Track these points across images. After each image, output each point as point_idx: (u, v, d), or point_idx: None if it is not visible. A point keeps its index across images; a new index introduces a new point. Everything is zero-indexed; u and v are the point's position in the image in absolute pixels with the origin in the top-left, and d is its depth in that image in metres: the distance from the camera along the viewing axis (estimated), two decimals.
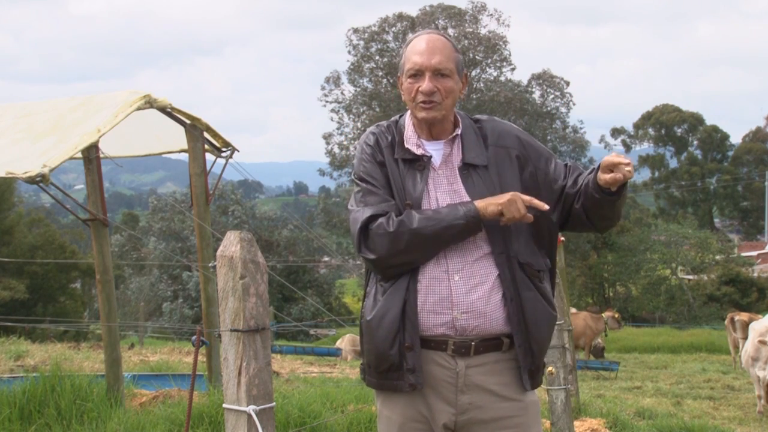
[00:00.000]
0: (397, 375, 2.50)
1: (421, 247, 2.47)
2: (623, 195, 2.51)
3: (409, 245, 2.46)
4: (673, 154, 60.59)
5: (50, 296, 34.57)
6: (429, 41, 2.57)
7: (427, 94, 2.53)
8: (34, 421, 5.29)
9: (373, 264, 2.52)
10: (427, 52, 2.54)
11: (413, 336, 2.48)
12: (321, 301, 32.18)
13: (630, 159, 2.43)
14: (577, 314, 15.51)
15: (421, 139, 2.62)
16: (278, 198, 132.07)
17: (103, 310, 6.07)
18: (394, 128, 2.66)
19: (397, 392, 2.54)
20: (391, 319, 2.48)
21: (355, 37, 37.83)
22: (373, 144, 2.63)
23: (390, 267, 2.50)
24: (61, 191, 6.45)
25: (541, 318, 2.53)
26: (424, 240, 2.46)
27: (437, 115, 2.56)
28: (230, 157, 7.33)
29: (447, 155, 2.60)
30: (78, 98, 6.68)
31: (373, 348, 2.52)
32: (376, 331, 2.50)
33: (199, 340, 3.23)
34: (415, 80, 2.56)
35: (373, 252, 2.49)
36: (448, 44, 2.59)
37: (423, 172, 2.56)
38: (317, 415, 5.45)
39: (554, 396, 4.88)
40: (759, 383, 9.24)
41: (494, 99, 35.25)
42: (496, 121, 2.69)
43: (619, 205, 2.54)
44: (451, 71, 2.56)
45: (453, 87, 2.57)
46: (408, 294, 2.49)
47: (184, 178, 32.92)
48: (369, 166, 2.60)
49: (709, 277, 35.07)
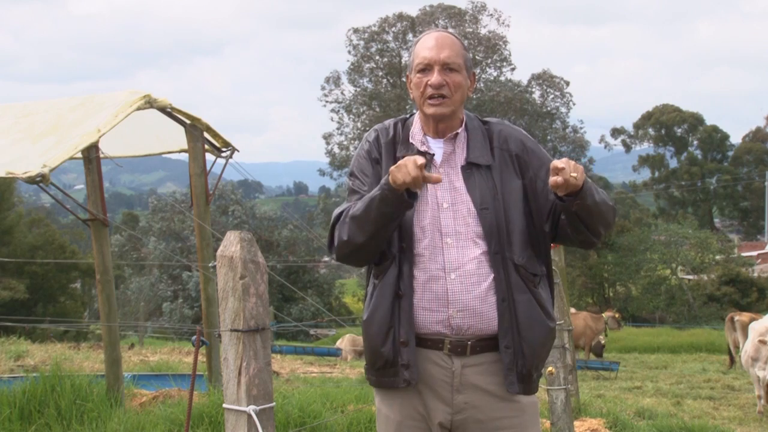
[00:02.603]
0: (393, 371, 2.52)
1: (358, 229, 2.47)
2: (586, 206, 2.42)
3: (350, 232, 2.48)
4: (673, 154, 60.57)
5: (50, 296, 34.56)
6: (438, 38, 2.59)
7: (436, 87, 2.53)
8: (34, 421, 5.29)
9: (336, 258, 2.59)
10: (436, 47, 2.56)
11: (408, 331, 2.49)
12: (321, 301, 32.19)
13: (576, 164, 2.35)
14: (577, 314, 15.51)
15: (426, 136, 2.63)
16: (278, 198, 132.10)
17: (103, 310, 6.07)
18: (401, 126, 2.68)
19: (394, 389, 2.54)
20: (382, 315, 2.50)
21: (355, 37, 37.87)
22: (373, 141, 2.66)
23: (346, 257, 2.54)
24: (61, 191, 6.45)
25: (535, 322, 2.50)
26: (357, 221, 2.47)
27: (446, 111, 2.56)
28: (230, 157, 7.33)
29: (449, 153, 2.61)
30: (78, 98, 6.68)
31: (368, 345, 2.55)
32: (369, 329, 2.53)
33: (199, 340, 3.23)
34: (424, 75, 2.56)
35: (332, 249, 2.56)
36: (456, 42, 2.60)
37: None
38: (317, 415, 5.45)
39: (554, 396, 4.88)
40: (759, 383, 9.24)
41: (494, 99, 35.26)
42: (505, 125, 2.69)
43: (585, 217, 2.45)
44: (459, 66, 2.57)
45: (462, 82, 2.57)
46: (401, 288, 2.50)
47: (184, 178, 32.87)
48: (362, 162, 2.64)
49: (709, 277, 35.05)
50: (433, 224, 2.53)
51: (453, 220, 2.53)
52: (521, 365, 2.49)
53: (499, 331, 2.49)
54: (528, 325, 2.49)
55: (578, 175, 2.35)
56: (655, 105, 63.30)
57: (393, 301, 2.50)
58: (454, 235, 2.52)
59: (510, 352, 2.49)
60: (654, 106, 61.93)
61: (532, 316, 2.50)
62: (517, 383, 2.50)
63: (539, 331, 2.51)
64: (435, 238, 2.52)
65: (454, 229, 2.53)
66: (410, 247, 2.52)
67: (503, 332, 2.49)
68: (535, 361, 2.53)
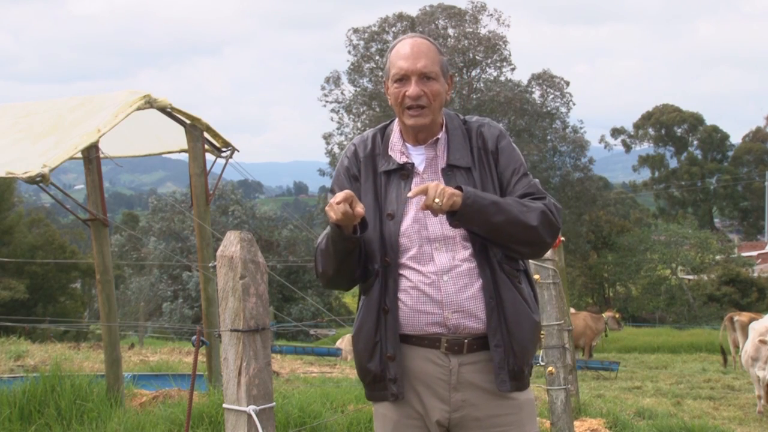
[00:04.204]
0: (381, 386, 2.56)
1: (325, 262, 2.55)
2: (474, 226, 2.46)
3: (322, 264, 2.57)
4: (673, 154, 60.58)
5: (50, 296, 34.57)
6: (413, 45, 2.58)
7: (413, 99, 2.54)
8: (34, 421, 5.29)
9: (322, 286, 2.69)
10: (412, 57, 2.55)
11: (394, 345, 2.51)
12: (321, 301, 32.20)
13: (444, 189, 2.38)
14: (577, 314, 15.51)
15: (406, 144, 2.63)
16: (278, 198, 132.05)
17: (103, 310, 6.08)
18: (381, 136, 2.68)
19: (385, 400, 2.58)
20: (367, 330, 2.55)
21: (355, 37, 37.83)
22: (351, 156, 2.67)
23: (328, 285, 2.65)
24: (61, 191, 6.45)
25: (522, 318, 2.52)
26: (324, 255, 2.55)
27: (425, 121, 2.57)
28: (230, 157, 7.34)
29: (431, 159, 2.62)
30: (78, 98, 6.68)
31: (356, 360, 2.61)
32: (357, 344, 2.59)
33: (199, 340, 3.23)
34: (401, 85, 2.57)
35: (316, 275, 2.65)
36: (432, 47, 2.60)
37: (407, 181, 2.58)
38: (317, 415, 5.45)
39: (554, 396, 4.88)
40: (759, 383, 9.24)
41: (494, 99, 35.23)
42: (484, 123, 2.68)
43: (485, 236, 2.48)
44: (436, 74, 2.57)
45: (439, 90, 2.57)
46: (386, 303, 2.52)
47: (184, 178, 32.87)
48: (342, 179, 2.66)
49: (709, 277, 35.08)
50: (420, 232, 2.54)
51: (440, 225, 2.54)
52: (512, 363, 2.51)
53: (488, 329, 2.51)
54: (516, 322, 2.51)
55: (442, 201, 2.37)
56: (655, 105, 63.36)
57: (378, 317, 2.53)
58: (443, 240, 2.54)
59: (500, 350, 2.51)
60: (654, 106, 62.00)
61: (518, 312, 2.51)
62: (509, 381, 2.52)
63: (527, 327, 2.53)
64: (423, 245, 2.54)
65: (442, 233, 2.54)
66: (396, 259, 2.53)
67: (492, 331, 2.50)
68: (526, 357, 2.55)
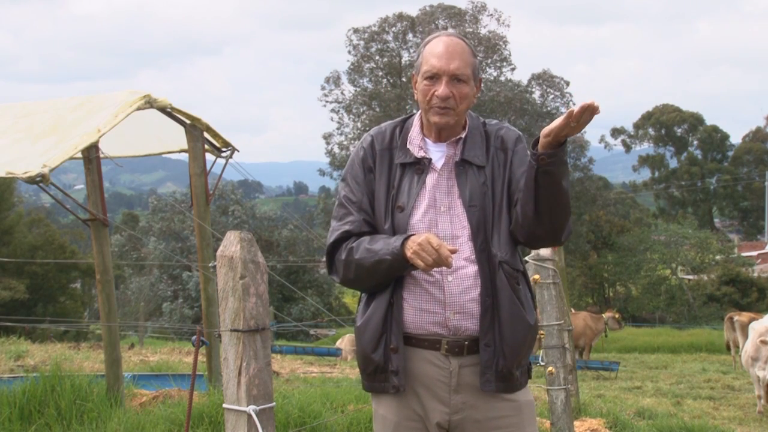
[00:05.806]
0: (383, 377, 2.54)
1: (366, 277, 2.52)
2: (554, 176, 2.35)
3: (356, 275, 2.53)
4: (673, 154, 60.58)
5: (50, 296, 34.59)
6: (448, 45, 2.55)
7: (442, 99, 2.52)
8: (34, 421, 5.29)
9: (340, 284, 2.66)
10: (446, 56, 2.52)
11: (398, 338, 2.51)
12: (321, 301, 32.19)
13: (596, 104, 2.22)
14: (577, 314, 15.49)
15: (426, 139, 2.62)
16: (278, 198, 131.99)
17: (103, 310, 6.08)
18: (399, 129, 2.66)
19: (384, 393, 2.57)
20: (376, 322, 2.53)
21: (355, 37, 37.82)
22: (368, 147, 2.65)
23: (350, 287, 2.60)
24: (61, 191, 6.45)
25: (517, 321, 2.50)
26: (365, 271, 2.50)
27: (450, 120, 2.56)
28: (230, 157, 7.34)
29: (450, 156, 2.60)
30: (78, 98, 6.68)
31: (360, 351, 2.58)
32: (362, 335, 2.56)
33: (199, 340, 3.23)
34: (432, 83, 2.54)
35: (336, 276, 2.60)
36: (466, 49, 2.57)
37: (421, 175, 2.56)
38: (317, 415, 5.45)
39: (554, 396, 4.88)
40: (759, 383, 9.24)
41: (494, 99, 35.21)
42: (502, 126, 2.68)
43: (547, 195, 2.38)
44: (467, 77, 2.55)
45: (468, 93, 2.56)
46: (394, 298, 2.52)
47: (184, 178, 32.90)
48: (356, 169, 2.64)
49: (709, 277, 35.06)
50: (430, 228, 2.53)
51: (450, 224, 2.54)
52: (501, 364, 2.49)
53: (480, 329, 2.50)
54: (509, 324, 2.49)
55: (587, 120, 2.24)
56: (655, 105, 63.41)
57: (387, 309, 2.53)
58: (451, 239, 2.52)
59: (490, 350, 2.49)
60: (654, 106, 62.04)
61: (513, 314, 2.50)
62: (494, 381, 2.50)
63: (520, 329, 2.51)
64: None
65: (451, 233, 2.53)
66: None
67: (484, 330, 2.49)
68: (516, 360, 2.52)
